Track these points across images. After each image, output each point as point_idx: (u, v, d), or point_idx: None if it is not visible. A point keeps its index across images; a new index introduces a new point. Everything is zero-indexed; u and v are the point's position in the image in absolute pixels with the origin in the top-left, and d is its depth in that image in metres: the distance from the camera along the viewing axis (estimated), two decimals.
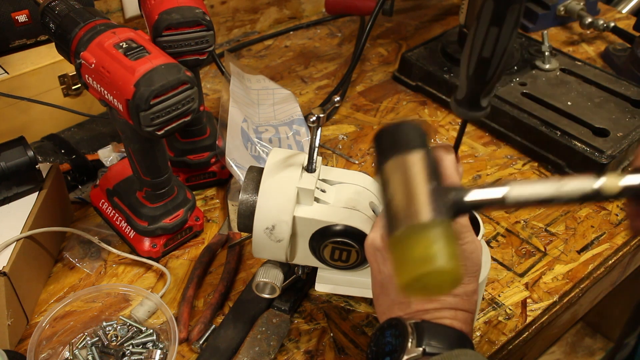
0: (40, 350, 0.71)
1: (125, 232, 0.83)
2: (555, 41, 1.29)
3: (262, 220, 0.64)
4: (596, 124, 0.98)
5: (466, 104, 0.53)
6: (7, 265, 0.70)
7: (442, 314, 0.54)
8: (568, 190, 0.48)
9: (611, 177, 0.47)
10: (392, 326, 0.55)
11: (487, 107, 0.53)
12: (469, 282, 0.55)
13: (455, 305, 0.55)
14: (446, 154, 0.55)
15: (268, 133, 0.97)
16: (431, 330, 0.53)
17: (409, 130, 0.50)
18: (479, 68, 0.50)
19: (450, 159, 0.55)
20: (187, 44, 0.78)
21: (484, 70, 0.50)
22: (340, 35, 1.32)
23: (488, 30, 0.48)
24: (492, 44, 0.49)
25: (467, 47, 0.50)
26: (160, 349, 0.72)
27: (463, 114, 0.53)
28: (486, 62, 0.50)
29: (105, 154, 0.97)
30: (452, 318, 0.54)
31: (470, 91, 0.52)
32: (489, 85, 0.51)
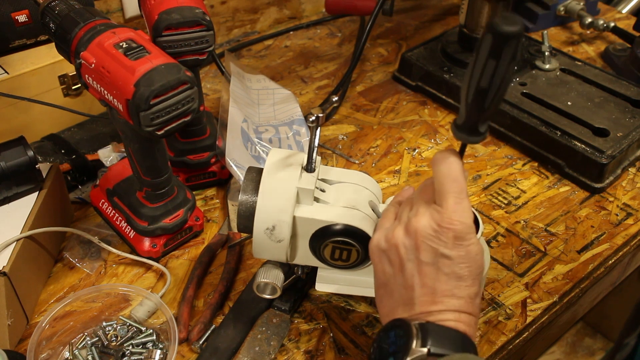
0: (40, 350, 0.71)
1: (125, 232, 0.83)
2: (555, 41, 1.29)
3: (262, 220, 0.64)
4: (596, 124, 0.98)
5: (465, 129, 0.55)
6: (7, 265, 0.70)
7: (446, 316, 0.54)
8: None
9: None
10: (397, 327, 0.55)
11: (484, 133, 0.55)
12: (472, 284, 0.55)
13: (458, 308, 0.55)
14: (455, 159, 0.56)
15: (268, 133, 0.97)
16: (436, 331, 0.53)
17: None
18: (477, 97, 0.52)
19: (458, 164, 0.56)
20: (187, 44, 0.78)
21: (482, 99, 0.51)
22: (340, 35, 1.32)
23: (486, 63, 0.50)
24: (489, 75, 0.50)
25: (467, 76, 0.52)
26: (160, 349, 0.72)
27: (462, 138, 0.56)
28: (484, 92, 0.51)
29: (105, 154, 0.97)
30: (456, 320, 0.54)
31: (468, 118, 0.54)
32: (486, 113, 0.53)
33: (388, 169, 1.00)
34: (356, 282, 0.70)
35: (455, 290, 0.55)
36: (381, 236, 0.59)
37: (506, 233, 0.89)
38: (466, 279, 0.55)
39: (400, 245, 0.57)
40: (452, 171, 0.55)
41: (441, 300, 0.55)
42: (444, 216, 0.54)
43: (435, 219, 0.55)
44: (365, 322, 0.77)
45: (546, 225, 0.90)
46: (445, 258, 0.54)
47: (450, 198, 0.55)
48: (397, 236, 0.57)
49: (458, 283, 0.55)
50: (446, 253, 0.54)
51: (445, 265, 0.55)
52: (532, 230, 0.89)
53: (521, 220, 0.91)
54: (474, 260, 0.55)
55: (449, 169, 0.56)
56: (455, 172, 0.55)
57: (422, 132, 1.07)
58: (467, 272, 0.55)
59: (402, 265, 0.57)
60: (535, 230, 0.89)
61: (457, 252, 0.54)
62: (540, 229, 0.89)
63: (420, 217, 0.56)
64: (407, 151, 1.03)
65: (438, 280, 0.55)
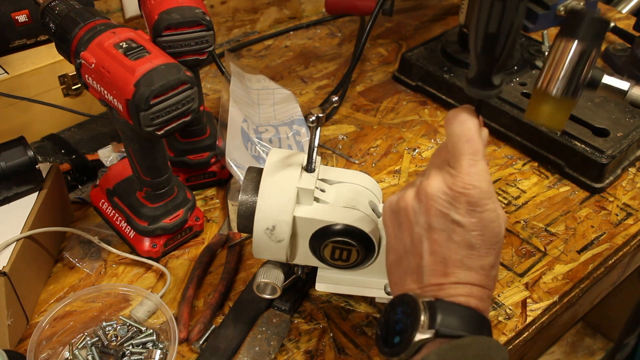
0: (40, 351, 0.71)
1: (125, 232, 0.83)
2: None
3: (262, 220, 0.64)
4: (596, 124, 0.98)
5: (477, 83, 0.51)
6: (7, 265, 0.70)
7: (457, 290, 0.51)
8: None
9: None
10: (404, 303, 0.52)
11: (500, 85, 0.50)
12: (486, 254, 0.51)
13: (470, 280, 0.51)
14: (470, 117, 0.52)
15: (268, 133, 0.97)
16: (445, 309, 0.50)
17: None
18: (486, 45, 0.48)
19: (473, 122, 0.52)
20: (187, 44, 0.78)
21: (492, 47, 0.48)
22: (340, 35, 1.32)
23: (492, 5, 0.46)
24: (497, 19, 0.46)
25: (473, 22, 0.49)
26: (160, 349, 0.72)
27: (475, 93, 0.51)
28: (493, 38, 0.47)
29: (105, 154, 0.97)
30: (468, 295, 0.51)
31: (480, 70, 0.50)
32: (499, 62, 0.49)
33: (388, 169, 1.00)
34: (356, 282, 0.70)
35: (467, 261, 0.51)
36: (394, 198, 0.56)
37: (506, 233, 0.89)
38: (479, 249, 0.51)
39: (410, 209, 0.53)
40: (466, 130, 0.51)
41: (452, 272, 0.51)
42: (456, 180, 0.51)
43: (448, 183, 0.51)
44: (365, 322, 0.77)
45: (546, 225, 0.90)
46: (457, 225, 0.51)
47: (464, 160, 0.51)
48: (407, 199, 0.54)
49: (470, 252, 0.51)
50: (458, 219, 0.51)
51: (456, 233, 0.51)
52: (532, 230, 0.89)
53: (521, 220, 0.91)
54: (488, 228, 0.51)
55: (462, 128, 0.52)
56: (469, 132, 0.52)
57: (422, 132, 1.07)
58: (479, 240, 0.51)
59: (412, 230, 0.53)
60: (535, 230, 0.89)
61: (469, 219, 0.51)
62: (540, 229, 0.89)
63: (432, 180, 0.52)
64: (407, 151, 1.03)
65: (448, 249, 0.51)
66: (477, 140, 0.52)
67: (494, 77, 0.50)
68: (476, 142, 0.51)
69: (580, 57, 0.61)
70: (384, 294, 0.69)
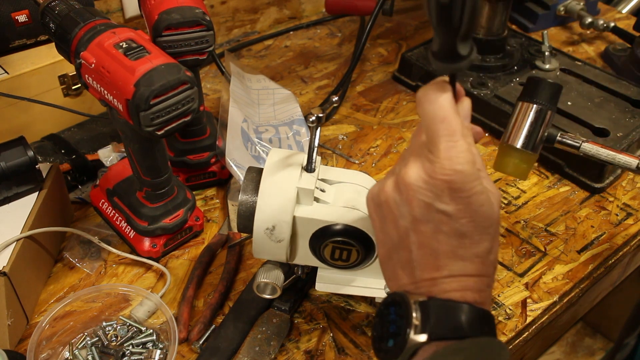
0: (40, 351, 0.71)
1: (125, 232, 0.83)
2: (555, 41, 1.29)
3: (262, 220, 0.64)
4: (596, 124, 0.98)
5: (443, 56, 0.46)
6: (7, 265, 0.70)
7: (451, 284, 0.48)
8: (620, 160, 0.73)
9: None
10: (396, 303, 0.49)
11: (470, 55, 0.46)
12: (479, 240, 0.47)
13: (464, 271, 0.48)
14: (441, 93, 0.48)
15: (268, 133, 0.97)
16: (439, 309, 0.46)
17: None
18: (441, 16, 0.43)
19: (446, 99, 0.48)
20: (187, 44, 0.78)
21: (447, 17, 0.43)
22: (340, 35, 1.32)
23: None
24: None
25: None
26: (160, 349, 0.72)
27: (443, 68, 0.47)
28: (446, 8, 0.43)
29: (105, 154, 0.97)
30: (463, 289, 0.48)
31: (443, 42, 0.45)
32: (461, 31, 0.44)
33: (388, 169, 0.99)
34: (356, 282, 0.70)
35: (459, 251, 0.47)
36: (375, 189, 0.52)
37: (506, 233, 0.89)
38: (471, 236, 0.47)
39: (392, 201, 0.50)
40: (438, 109, 0.47)
41: (444, 265, 0.48)
42: (436, 166, 0.46)
43: (427, 170, 0.47)
44: (365, 322, 0.77)
45: (546, 225, 0.90)
46: (443, 214, 0.47)
47: (441, 142, 0.46)
48: (387, 191, 0.50)
49: (461, 242, 0.47)
50: (442, 208, 0.47)
51: (443, 223, 0.47)
52: (532, 230, 0.89)
53: (521, 220, 0.91)
54: (478, 213, 0.47)
55: (435, 107, 0.47)
56: (442, 110, 0.47)
57: None
58: (470, 227, 0.47)
59: (397, 223, 0.50)
60: (535, 230, 0.89)
61: (455, 206, 0.47)
62: (540, 229, 0.89)
63: (410, 169, 0.48)
64: None
65: (437, 241, 0.48)
66: (452, 118, 0.47)
67: (460, 46, 0.45)
68: (452, 120, 0.47)
69: (538, 116, 0.72)
70: (384, 294, 0.69)
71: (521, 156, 0.73)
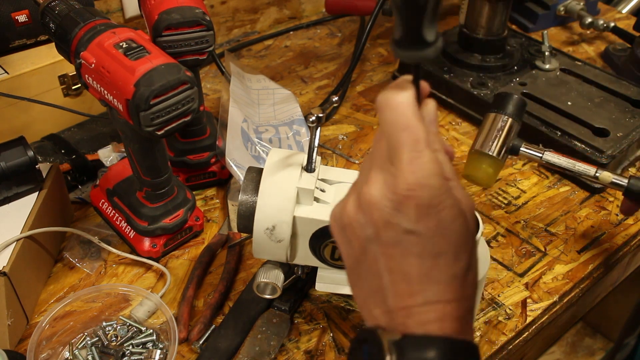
0: (40, 351, 0.71)
1: (125, 232, 0.83)
2: (555, 41, 1.29)
3: (262, 220, 0.64)
4: (596, 124, 0.98)
5: (406, 42, 0.42)
6: (7, 265, 0.70)
7: (427, 315, 0.43)
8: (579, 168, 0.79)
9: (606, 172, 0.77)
10: (369, 341, 0.43)
11: (436, 42, 0.42)
12: (455, 259, 0.43)
13: (441, 297, 0.43)
14: (403, 98, 0.43)
15: (268, 133, 0.97)
16: (415, 349, 0.41)
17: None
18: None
19: (408, 104, 0.43)
20: (187, 44, 0.78)
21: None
22: (340, 35, 1.32)
23: None
24: None
25: None
26: (160, 349, 0.72)
27: (407, 56, 0.42)
28: None
29: (105, 154, 0.97)
30: (442, 319, 0.43)
31: (407, 25, 0.41)
32: (428, 9, 0.40)
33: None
34: None
35: (434, 273, 0.42)
36: (337, 210, 0.47)
37: (506, 233, 0.89)
38: (445, 255, 0.42)
39: (355, 224, 0.45)
40: (400, 116, 0.42)
41: (419, 290, 0.43)
42: (399, 181, 0.42)
43: (390, 185, 0.42)
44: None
45: (546, 225, 0.90)
46: (412, 235, 0.42)
47: (403, 154, 0.42)
48: (349, 211, 0.45)
49: (435, 262, 0.42)
50: (411, 229, 0.42)
51: (413, 244, 0.42)
52: (532, 230, 0.89)
53: (521, 220, 0.91)
54: (451, 229, 0.42)
55: (396, 114, 0.42)
56: (403, 118, 0.42)
57: None
58: (444, 246, 0.42)
59: (363, 247, 0.45)
60: (535, 230, 0.89)
61: (424, 225, 0.42)
62: (540, 229, 0.89)
63: (372, 185, 0.43)
64: None
65: (408, 264, 0.43)
66: (415, 125, 0.42)
67: (426, 31, 0.41)
68: (414, 127, 0.42)
69: (506, 126, 0.80)
70: None
71: (490, 162, 0.79)
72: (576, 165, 0.80)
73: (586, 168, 0.80)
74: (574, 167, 0.80)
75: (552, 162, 0.81)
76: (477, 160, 0.80)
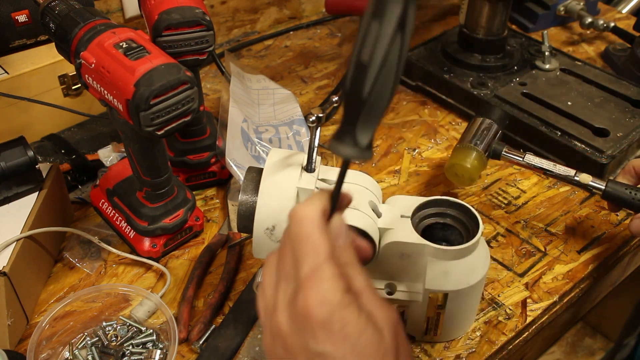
0: (40, 351, 0.71)
1: (125, 232, 0.83)
2: (555, 41, 1.29)
3: (262, 220, 0.64)
4: (596, 124, 0.98)
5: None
6: (7, 265, 0.70)
7: None
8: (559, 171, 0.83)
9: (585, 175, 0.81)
10: None
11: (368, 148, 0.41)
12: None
13: None
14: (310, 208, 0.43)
15: (268, 133, 0.97)
16: None
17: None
18: (356, 76, 0.39)
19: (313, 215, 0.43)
20: (187, 44, 0.78)
21: (361, 80, 0.39)
22: (340, 35, 1.32)
23: (369, 25, 0.38)
24: (371, 44, 0.38)
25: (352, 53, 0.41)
26: (160, 349, 0.72)
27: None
28: (363, 68, 0.39)
29: (105, 154, 0.97)
30: None
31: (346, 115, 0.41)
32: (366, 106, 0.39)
33: (388, 169, 0.99)
34: None
35: None
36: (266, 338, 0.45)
37: (506, 233, 0.89)
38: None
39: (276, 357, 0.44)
40: (303, 229, 0.42)
41: None
42: (299, 298, 0.41)
43: (291, 305, 0.42)
44: None
45: (546, 225, 0.90)
46: (321, 357, 0.40)
47: (303, 267, 0.41)
48: (268, 346, 0.45)
49: None
50: (319, 350, 0.40)
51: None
52: (532, 230, 0.89)
53: (521, 220, 0.91)
54: (360, 344, 0.40)
55: (299, 227, 0.42)
56: (306, 230, 0.42)
57: (422, 132, 1.07)
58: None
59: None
60: (535, 230, 0.89)
61: (331, 345, 0.40)
62: (540, 229, 0.89)
63: (279, 313, 0.43)
64: (407, 151, 1.03)
65: None
66: (317, 238, 0.42)
67: (360, 130, 0.41)
68: (316, 241, 0.42)
69: (491, 129, 0.88)
70: (384, 293, 0.69)
71: (476, 155, 0.85)
72: (557, 167, 0.83)
73: (566, 170, 0.83)
74: (554, 169, 0.83)
75: (533, 164, 0.84)
76: (463, 153, 0.85)
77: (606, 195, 0.80)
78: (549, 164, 0.84)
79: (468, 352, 0.73)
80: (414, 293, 0.69)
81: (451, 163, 0.86)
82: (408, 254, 0.66)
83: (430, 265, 0.66)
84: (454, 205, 0.70)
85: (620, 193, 0.78)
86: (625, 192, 0.78)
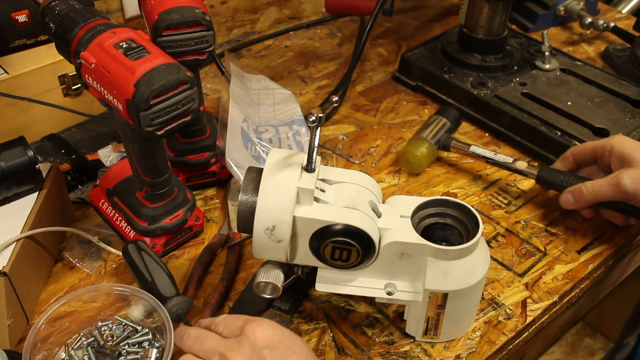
0: (36, 352, 0.70)
1: (125, 232, 0.83)
2: (555, 41, 1.29)
3: (262, 220, 0.64)
4: (596, 124, 0.98)
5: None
6: (7, 265, 0.70)
7: None
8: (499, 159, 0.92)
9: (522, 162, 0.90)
10: None
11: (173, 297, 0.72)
12: None
13: None
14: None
15: (268, 133, 0.97)
16: None
17: None
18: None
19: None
20: (187, 44, 0.78)
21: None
22: (340, 35, 1.32)
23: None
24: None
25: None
26: (156, 348, 0.71)
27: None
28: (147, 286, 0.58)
29: (105, 154, 0.97)
30: None
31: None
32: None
33: (388, 169, 1.00)
34: (356, 282, 0.70)
35: None
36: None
37: (506, 233, 0.89)
38: None
39: None
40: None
41: None
42: None
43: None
44: (366, 322, 0.77)
45: (546, 225, 0.90)
46: None
47: None
48: None
49: None
50: None
51: None
52: (532, 230, 0.89)
53: (521, 220, 0.91)
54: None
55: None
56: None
57: None
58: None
59: None
60: (535, 230, 0.89)
61: None
62: (540, 229, 0.89)
63: None
64: None
65: None
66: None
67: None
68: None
69: (443, 126, 1.00)
70: (384, 294, 0.69)
71: (426, 145, 0.96)
72: (497, 156, 0.92)
73: (504, 157, 0.92)
74: (495, 157, 0.92)
75: (477, 153, 0.93)
76: (416, 144, 0.96)
77: (539, 180, 0.89)
78: (490, 152, 0.93)
79: (468, 352, 0.73)
80: (414, 293, 0.69)
81: (404, 150, 0.96)
82: (408, 254, 0.66)
83: (430, 265, 0.66)
84: (454, 205, 0.70)
85: (550, 177, 0.88)
86: (555, 176, 0.88)
